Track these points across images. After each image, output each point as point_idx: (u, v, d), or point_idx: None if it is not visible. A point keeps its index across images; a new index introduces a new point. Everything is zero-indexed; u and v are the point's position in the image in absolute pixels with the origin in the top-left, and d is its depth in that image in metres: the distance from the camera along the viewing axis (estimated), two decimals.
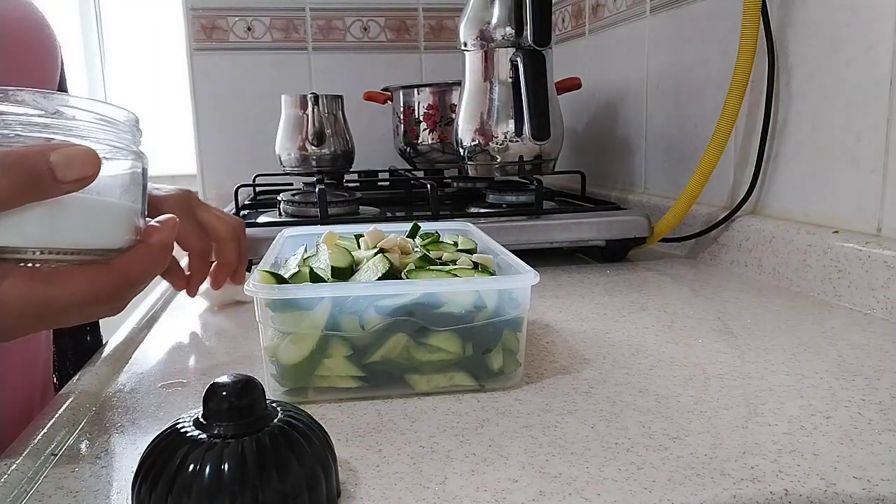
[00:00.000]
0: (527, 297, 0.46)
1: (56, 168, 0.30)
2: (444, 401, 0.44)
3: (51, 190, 0.30)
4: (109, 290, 0.32)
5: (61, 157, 0.30)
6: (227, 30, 1.48)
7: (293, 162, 1.11)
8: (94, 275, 0.32)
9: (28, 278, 0.31)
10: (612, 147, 1.19)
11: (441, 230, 0.61)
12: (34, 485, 0.35)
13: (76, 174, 0.30)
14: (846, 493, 0.33)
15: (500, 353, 0.46)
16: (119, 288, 0.33)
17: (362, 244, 0.54)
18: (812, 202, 0.72)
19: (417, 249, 0.54)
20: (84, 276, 0.32)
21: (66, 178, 0.30)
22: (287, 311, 0.43)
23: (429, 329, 0.44)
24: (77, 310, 0.32)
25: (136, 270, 0.34)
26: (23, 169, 0.29)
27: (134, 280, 0.34)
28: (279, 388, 0.45)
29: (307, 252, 0.56)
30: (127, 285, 0.33)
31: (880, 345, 0.53)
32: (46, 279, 0.31)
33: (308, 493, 0.31)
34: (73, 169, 0.30)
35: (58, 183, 0.30)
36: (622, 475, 0.34)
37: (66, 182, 0.30)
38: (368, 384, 0.45)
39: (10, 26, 0.50)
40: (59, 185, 0.30)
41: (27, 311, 0.31)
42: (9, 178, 0.29)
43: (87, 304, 0.32)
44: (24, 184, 0.29)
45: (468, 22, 0.94)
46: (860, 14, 0.64)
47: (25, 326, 0.32)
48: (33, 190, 0.30)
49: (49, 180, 0.30)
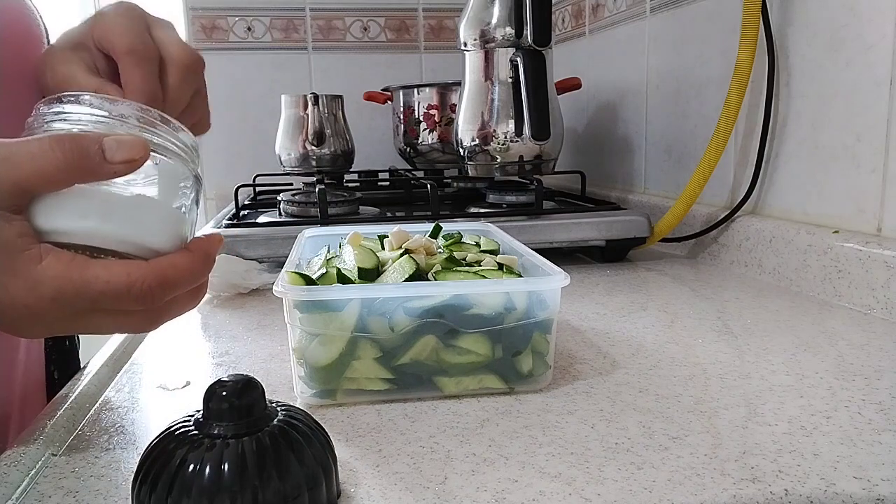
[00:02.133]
0: (556, 299, 0.46)
1: (106, 149, 0.31)
2: (444, 401, 0.44)
3: (99, 169, 0.31)
4: (143, 287, 0.32)
5: (113, 140, 0.32)
6: (227, 30, 1.48)
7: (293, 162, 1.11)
8: (130, 268, 0.32)
9: (68, 260, 0.31)
10: (612, 147, 1.19)
11: (462, 231, 0.61)
12: (34, 485, 0.35)
13: (124, 156, 0.32)
14: (846, 493, 0.33)
15: (530, 356, 0.45)
16: (153, 286, 0.33)
17: (386, 245, 0.53)
18: (812, 202, 0.72)
19: (441, 250, 0.54)
20: (121, 266, 0.32)
21: (115, 159, 0.31)
22: (316, 313, 0.43)
23: (458, 331, 0.44)
24: (111, 302, 0.32)
25: (173, 274, 0.34)
26: (76, 146, 0.31)
27: (168, 282, 0.33)
28: (308, 391, 0.44)
29: (329, 253, 0.56)
30: (160, 285, 0.33)
31: (880, 345, 0.53)
32: (85, 264, 0.31)
33: (308, 493, 0.31)
34: (122, 151, 0.32)
35: (106, 163, 0.31)
36: (622, 475, 0.34)
37: (115, 162, 0.31)
38: (397, 386, 0.44)
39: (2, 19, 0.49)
40: (107, 165, 0.31)
41: (61, 293, 0.31)
42: (63, 153, 0.30)
43: (121, 296, 0.32)
44: (76, 160, 0.31)
45: (468, 22, 0.94)
46: (860, 14, 0.64)
47: (60, 317, 0.32)
48: (82, 167, 0.31)
49: (98, 159, 0.31)
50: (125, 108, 0.34)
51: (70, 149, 0.31)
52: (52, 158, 0.30)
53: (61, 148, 0.31)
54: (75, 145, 0.31)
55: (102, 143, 0.32)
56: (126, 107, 0.35)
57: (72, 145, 0.31)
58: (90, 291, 0.31)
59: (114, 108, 0.34)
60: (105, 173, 0.32)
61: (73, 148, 0.31)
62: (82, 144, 0.31)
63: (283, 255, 0.57)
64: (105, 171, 0.32)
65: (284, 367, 0.52)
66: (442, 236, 0.58)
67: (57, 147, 0.31)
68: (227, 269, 0.73)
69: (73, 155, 0.31)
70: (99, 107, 0.34)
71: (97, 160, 0.31)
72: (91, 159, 0.31)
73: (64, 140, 0.31)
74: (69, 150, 0.31)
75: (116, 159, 0.32)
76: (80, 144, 0.31)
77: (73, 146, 0.31)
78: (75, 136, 0.32)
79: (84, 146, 0.31)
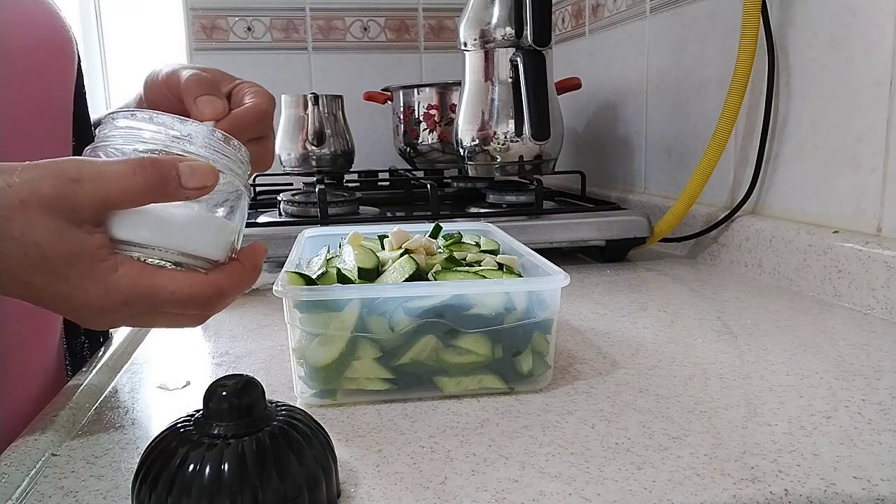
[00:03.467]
0: (556, 299, 0.46)
1: (182, 175, 0.35)
2: (444, 401, 0.44)
3: (175, 193, 0.35)
4: (203, 297, 0.36)
5: (187, 167, 0.35)
6: (227, 30, 1.48)
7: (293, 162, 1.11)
8: (194, 279, 0.36)
9: (139, 269, 0.35)
10: (612, 147, 1.19)
11: (461, 231, 0.61)
12: (34, 485, 0.35)
13: (197, 183, 0.35)
14: (846, 493, 0.33)
15: (530, 356, 0.45)
16: (211, 296, 0.36)
17: (386, 245, 0.53)
18: (812, 202, 0.72)
19: (441, 250, 0.53)
20: (186, 278, 0.36)
21: (189, 185, 0.35)
22: (316, 313, 0.43)
23: (458, 331, 0.44)
24: (174, 307, 0.36)
25: (228, 284, 0.37)
26: (156, 171, 0.34)
27: (224, 292, 0.37)
28: (308, 391, 0.45)
29: (329, 253, 0.56)
30: (218, 295, 0.37)
31: (880, 345, 0.53)
32: (154, 273, 0.35)
33: (308, 493, 0.31)
34: (196, 178, 0.35)
35: (181, 188, 0.35)
36: (622, 475, 0.34)
37: (188, 188, 0.35)
38: (397, 386, 0.44)
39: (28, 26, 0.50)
40: (182, 191, 0.35)
41: (133, 298, 0.34)
42: (144, 177, 0.34)
43: (184, 304, 0.36)
44: (155, 184, 0.34)
45: (468, 22, 0.94)
46: (860, 14, 0.64)
47: (126, 316, 0.36)
48: (161, 190, 0.34)
49: (175, 184, 0.35)
50: (194, 127, 0.38)
51: (152, 174, 0.34)
52: (135, 181, 0.34)
53: (144, 172, 0.34)
54: (156, 171, 0.34)
55: (179, 169, 0.35)
56: (194, 126, 0.38)
57: (153, 171, 0.34)
58: (157, 299, 0.35)
59: (183, 128, 0.37)
60: (179, 197, 0.35)
61: (154, 173, 0.34)
62: (162, 171, 0.34)
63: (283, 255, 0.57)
64: (180, 195, 0.35)
65: (284, 367, 0.52)
66: (442, 236, 0.58)
67: (140, 171, 0.34)
68: None
69: (154, 180, 0.34)
70: (171, 126, 0.37)
71: (174, 185, 0.35)
72: (169, 184, 0.35)
73: (146, 165, 0.34)
74: (151, 175, 0.34)
75: (190, 185, 0.35)
76: (161, 170, 0.34)
77: (154, 171, 0.34)
78: (156, 162, 0.35)
79: (164, 172, 0.34)
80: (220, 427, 0.30)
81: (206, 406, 0.31)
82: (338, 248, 0.56)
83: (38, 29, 0.52)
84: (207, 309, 0.37)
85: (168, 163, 0.35)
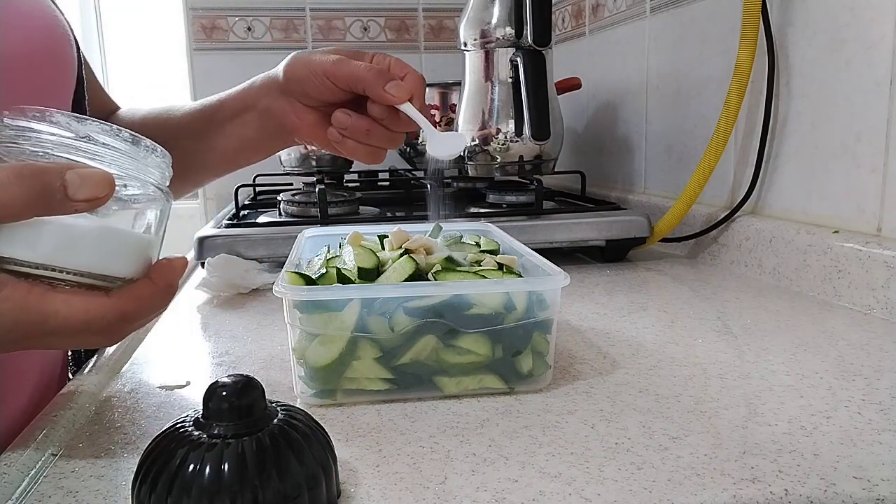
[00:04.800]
0: (557, 299, 0.46)
1: (69, 185, 0.30)
2: (444, 401, 0.44)
3: (61, 206, 0.30)
4: (102, 323, 0.32)
5: (76, 175, 0.30)
6: (227, 30, 1.48)
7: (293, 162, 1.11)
8: (90, 304, 0.31)
9: (26, 291, 0.30)
10: (612, 147, 1.19)
11: (462, 230, 0.61)
12: (34, 485, 0.35)
13: (87, 194, 0.30)
14: (846, 493, 0.33)
15: (530, 356, 0.45)
16: (112, 322, 0.32)
17: (386, 245, 0.53)
18: (812, 202, 0.72)
19: (441, 250, 0.53)
20: (81, 302, 0.31)
21: (77, 197, 0.30)
22: (315, 313, 0.43)
23: (458, 331, 0.44)
24: (68, 336, 0.32)
25: (133, 307, 0.33)
26: (38, 181, 0.29)
27: (129, 316, 0.33)
28: (308, 391, 0.44)
29: (329, 252, 0.56)
30: (120, 320, 0.33)
31: (880, 345, 0.53)
32: (43, 297, 0.31)
33: (308, 493, 0.31)
34: (86, 189, 0.30)
35: (68, 200, 0.30)
36: (622, 475, 0.34)
37: (77, 200, 0.30)
38: (397, 386, 0.44)
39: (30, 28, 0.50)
40: (69, 203, 0.30)
41: (18, 325, 0.30)
42: (22, 188, 0.29)
43: (79, 332, 0.32)
44: (37, 196, 0.29)
45: (468, 22, 0.94)
46: (860, 14, 0.64)
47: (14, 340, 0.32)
48: (44, 203, 0.30)
49: (60, 196, 0.30)
50: (93, 127, 0.33)
51: (31, 184, 0.29)
52: (11, 192, 0.29)
53: (21, 182, 0.29)
54: (36, 181, 0.29)
55: (66, 178, 0.30)
56: (94, 126, 0.33)
57: (32, 180, 0.29)
58: (47, 326, 0.31)
59: (81, 129, 0.32)
60: (66, 210, 0.30)
61: (33, 183, 0.29)
62: (44, 180, 0.29)
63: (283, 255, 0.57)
64: (66, 208, 0.30)
65: (284, 367, 0.52)
66: (442, 236, 0.58)
67: (16, 181, 0.29)
68: (227, 269, 0.73)
69: (33, 190, 0.29)
70: (65, 126, 0.32)
71: (59, 197, 0.30)
72: (52, 196, 0.30)
73: (25, 173, 0.29)
74: (30, 185, 0.29)
75: (79, 197, 0.30)
76: (42, 180, 0.29)
77: (35, 181, 0.29)
78: (37, 170, 0.30)
79: (46, 182, 0.29)
80: (220, 427, 0.30)
81: (206, 406, 0.31)
82: (338, 248, 0.56)
83: (37, 30, 0.52)
84: (110, 336, 0.33)
85: (53, 171, 0.30)
